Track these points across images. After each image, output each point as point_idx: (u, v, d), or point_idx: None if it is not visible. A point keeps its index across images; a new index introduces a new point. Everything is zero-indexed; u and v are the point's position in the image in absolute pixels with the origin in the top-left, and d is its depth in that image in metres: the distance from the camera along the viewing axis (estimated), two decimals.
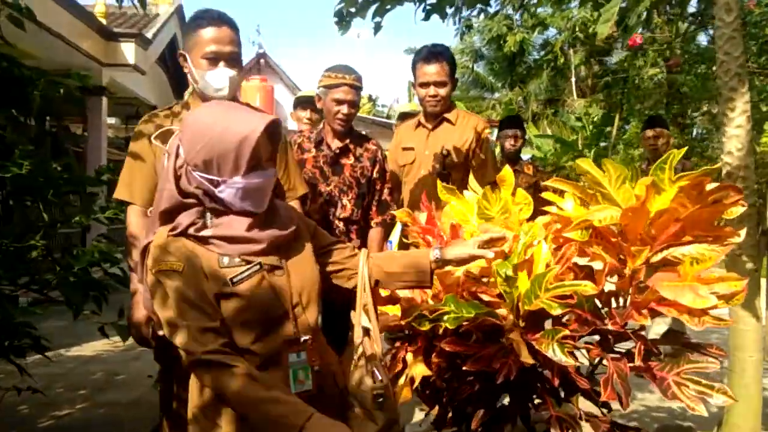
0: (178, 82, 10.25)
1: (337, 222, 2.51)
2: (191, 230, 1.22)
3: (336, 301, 1.77)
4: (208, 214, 1.25)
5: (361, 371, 1.35)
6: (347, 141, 2.54)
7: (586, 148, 13.95)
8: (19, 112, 2.10)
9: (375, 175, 2.56)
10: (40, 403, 3.01)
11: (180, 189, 1.23)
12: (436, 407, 1.79)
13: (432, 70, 2.67)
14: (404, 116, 3.83)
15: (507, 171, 1.56)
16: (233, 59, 1.77)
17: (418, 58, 2.74)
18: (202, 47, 1.75)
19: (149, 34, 8.28)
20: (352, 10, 2.50)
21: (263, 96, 7.59)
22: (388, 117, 20.94)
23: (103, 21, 7.70)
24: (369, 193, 2.56)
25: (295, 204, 2.13)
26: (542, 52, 18.53)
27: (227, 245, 1.22)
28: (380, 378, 1.34)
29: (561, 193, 1.56)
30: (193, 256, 1.21)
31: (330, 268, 1.44)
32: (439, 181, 1.70)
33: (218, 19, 1.77)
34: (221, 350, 1.16)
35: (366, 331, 1.39)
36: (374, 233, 2.57)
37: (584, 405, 1.58)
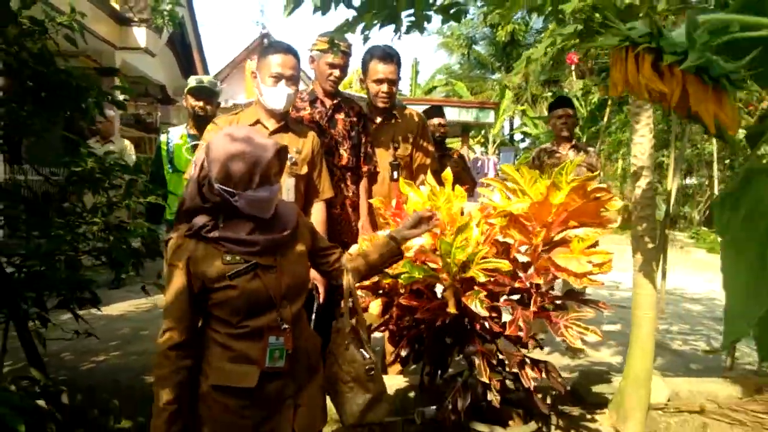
0: (186, 63, 10.71)
1: (335, 170, 2.85)
2: (202, 232, 1.45)
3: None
4: (221, 217, 1.47)
5: (353, 351, 1.62)
6: (338, 99, 2.93)
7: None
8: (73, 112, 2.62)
9: (360, 129, 2.93)
10: (80, 351, 3.59)
11: (203, 195, 1.46)
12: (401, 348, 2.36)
13: (388, 69, 2.98)
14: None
15: (447, 173, 2.09)
16: (292, 80, 2.35)
17: (373, 56, 3.01)
18: (270, 68, 2.33)
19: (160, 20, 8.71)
20: (345, 27, 2.96)
21: None
22: None
23: (117, 7, 8.15)
24: (359, 144, 2.92)
25: (320, 205, 2.62)
26: (541, 35, 18.93)
27: (231, 245, 1.46)
28: (369, 355, 1.62)
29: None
30: (196, 255, 1.44)
31: (323, 268, 1.71)
32: (402, 179, 2.22)
33: (286, 49, 2.37)
34: (168, 351, 1.44)
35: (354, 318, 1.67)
36: (363, 184, 2.94)
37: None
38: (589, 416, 2.68)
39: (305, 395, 1.55)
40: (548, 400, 2.79)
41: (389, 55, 3.04)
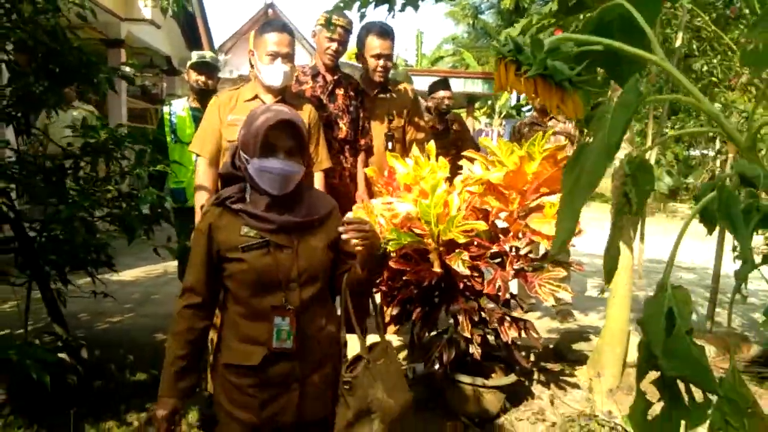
0: (191, 34, 10.77)
1: (335, 143, 2.91)
2: (227, 202, 1.50)
3: None
4: (249, 189, 1.51)
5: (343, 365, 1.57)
6: (339, 75, 3.04)
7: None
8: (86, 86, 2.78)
9: (359, 104, 3.04)
10: (95, 313, 3.82)
11: (234, 162, 1.54)
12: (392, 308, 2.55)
13: (386, 45, 3.07)
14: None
15: (431, 146, 2.24)
16: (288, 57, 2.47)
17: (370, 32, 3.08)
18: (266, 47, 2.43)
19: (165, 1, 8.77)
20: (341, 4, 3.07)
21: None
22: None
23: None
24: (357, 118, 3.02)
25: (319, 175, 2.69)
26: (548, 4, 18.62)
27: (249, 219, 1.48)
28: (352, 369, 1.55)
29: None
30: (218, 223, 1.49)
31: (337, 271, 1.61)
32: (388, 152, 2.37)
33: (281, 27, 2.47)
34: (184, 309, 1.51)
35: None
36: (361, 157, 3.05)
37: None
38: (568, 371, 2.88)
39: (313, 382, 1.54)
40: (532, 358, 2.99)
41: (386, 32, 3.16)
